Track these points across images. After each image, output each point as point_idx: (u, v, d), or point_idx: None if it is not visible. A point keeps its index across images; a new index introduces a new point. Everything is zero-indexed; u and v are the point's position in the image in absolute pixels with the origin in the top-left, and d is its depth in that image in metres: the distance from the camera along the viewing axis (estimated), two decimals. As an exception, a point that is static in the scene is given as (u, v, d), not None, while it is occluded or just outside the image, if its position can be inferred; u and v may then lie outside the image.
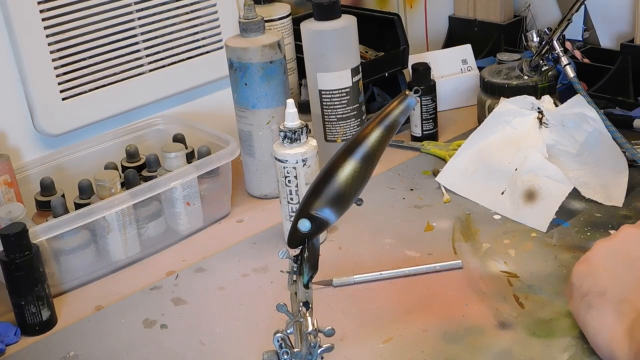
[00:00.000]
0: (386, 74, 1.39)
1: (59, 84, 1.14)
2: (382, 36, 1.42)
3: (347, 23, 1.21)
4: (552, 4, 1.59)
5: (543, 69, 1.29)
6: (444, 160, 1.25)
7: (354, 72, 1.22)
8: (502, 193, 1.13)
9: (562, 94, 1.31)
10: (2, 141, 1.13)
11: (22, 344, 0.94)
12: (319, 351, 0.74)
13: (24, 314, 0.94)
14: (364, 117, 1.26)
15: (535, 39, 1.29)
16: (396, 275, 0.99)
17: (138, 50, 1.21)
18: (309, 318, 0.74)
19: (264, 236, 1.11)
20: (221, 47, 1.27)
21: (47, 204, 1.05)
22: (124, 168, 1.14)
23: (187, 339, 0.92)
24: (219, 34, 1.29)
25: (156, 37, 1.23)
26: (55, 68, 1.13)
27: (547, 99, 1.18)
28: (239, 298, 0.99)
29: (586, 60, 1.37)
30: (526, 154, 1.13)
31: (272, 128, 1.16)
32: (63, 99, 1.15)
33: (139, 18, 1.20)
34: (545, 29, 1.27)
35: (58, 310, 0.99)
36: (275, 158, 1.03)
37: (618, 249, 0.82)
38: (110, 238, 1.05)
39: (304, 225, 0.75)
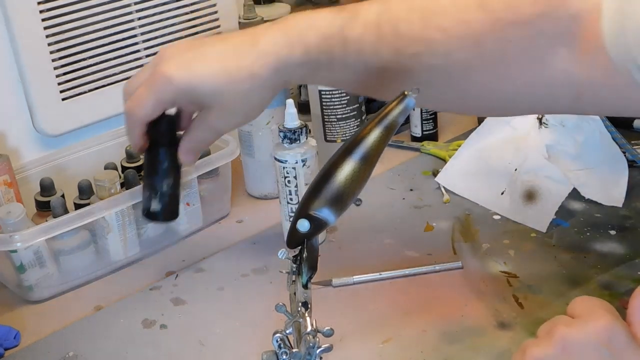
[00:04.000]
0: (386, 74, 1.39)
1: (59, 84, 1.14)
2: (382, 36, 1.42)
3: (347, 23, 1.21)
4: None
5: (543, 69, 1.28)
6: (444, 161, 1.24)
7: (354, 72, 1.22)
8: (502, 193, 1.13)
9: (562, 94, 1.31)
10: (2, 141, 1.13)
11: (21, 344, 0.94)
12: (317, 351, 0.73)
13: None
14: (363, 118, 1.26)
15: (536, 39, 1.28)
16: (396, 275, 0.99)
17: (138, 51, 1.21)
18: (307, 318, 0.74)
19: (263, 236, 1.11)
20: (221, 47, 1.27)
21: (46, 204, 1.05)
22: (124, 168, 1.14)
23: (187, 339, 0.92)
24: (219, 34, 1.29)
25: (156, 38, 1.23)
26: (55, 68, 1.13)
27: (547, 99, 1.18)
28: (238, 298, 0.99)
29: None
30: (526, 154, 1.13)
31: (271, 128, 1.16)
32: (63, 99, 1.15)
33: (139, 18, 1.20)
34: (546, 29, 1.27)
35: (57, 311, 0.99)
36: (275, 158, 1.03)
37: None
38: (110, 238, 1.05)
39: (303, 225, 0.75)
